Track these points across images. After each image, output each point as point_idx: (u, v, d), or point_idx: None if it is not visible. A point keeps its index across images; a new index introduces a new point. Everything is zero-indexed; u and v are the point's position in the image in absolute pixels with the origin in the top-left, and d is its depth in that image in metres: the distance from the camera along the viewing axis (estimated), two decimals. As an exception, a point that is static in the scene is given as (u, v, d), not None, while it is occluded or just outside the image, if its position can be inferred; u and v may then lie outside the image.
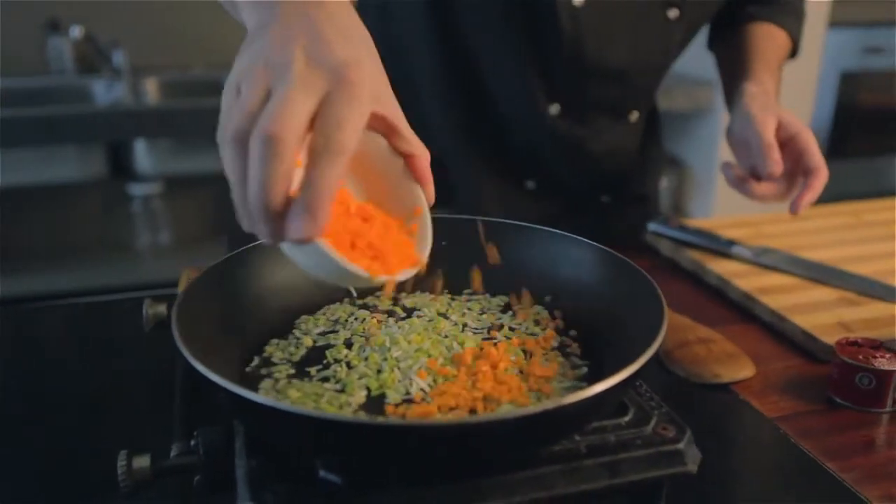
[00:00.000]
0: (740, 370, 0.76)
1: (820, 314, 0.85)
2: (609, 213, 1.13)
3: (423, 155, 0.54)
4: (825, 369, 0.77)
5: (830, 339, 0.79)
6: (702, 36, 1.14)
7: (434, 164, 1.15)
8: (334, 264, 0.47)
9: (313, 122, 0.44)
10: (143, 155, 2.16)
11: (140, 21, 2.39)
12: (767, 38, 1.06)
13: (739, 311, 0.91)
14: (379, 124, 0.52)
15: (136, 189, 2.24)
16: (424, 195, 0.54)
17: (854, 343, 0.74)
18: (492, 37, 0.98)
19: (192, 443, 0.54)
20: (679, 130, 2.44)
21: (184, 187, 2.35)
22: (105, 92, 2.31)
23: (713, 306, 0.93)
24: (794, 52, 1.11)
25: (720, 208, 2.30)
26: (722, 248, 1.00)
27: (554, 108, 1.01)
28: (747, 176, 0.93)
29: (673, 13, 0.97)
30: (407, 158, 0.54)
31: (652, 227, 1.08)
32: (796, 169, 0.91)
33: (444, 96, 1.05)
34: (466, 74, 1.02)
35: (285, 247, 0.48)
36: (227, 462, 0.53)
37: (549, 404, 0.42)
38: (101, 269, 2.21)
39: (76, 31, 2.20)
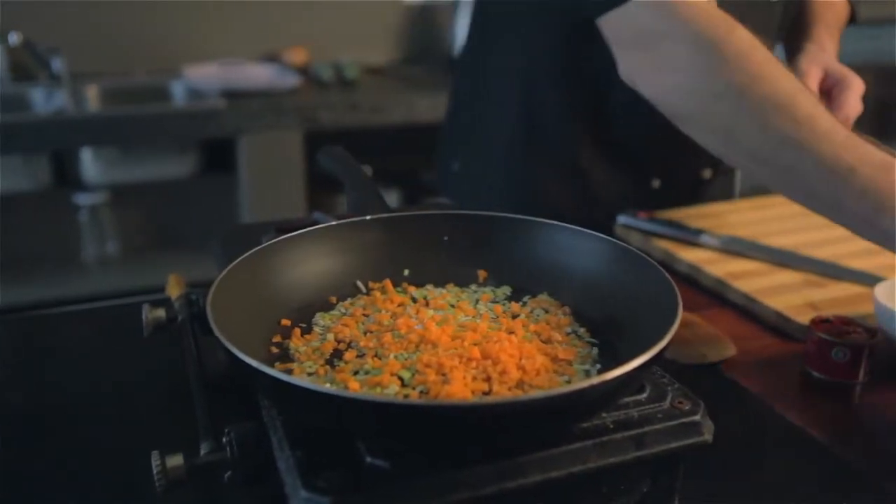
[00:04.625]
0: (724, 350, 0.81)
1: (789, 296, 0.90)
2: (708, 191, 1.23)
3: None
4: (798, 346, 0.82)
5: (802, 318, 0.84)
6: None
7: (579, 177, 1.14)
8: None
9: None
10: (88, 164, 2.12)
11: (78, 26, 2.33)
12: (826, 4, 1.12)
13: (711, 297, 0.96)
14: None
15: (82, 199, 2.19)
16: None
17: (827, 321, 0.79)
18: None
19: (224, 440, 0.55)
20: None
21: (131, 196, 2.31)
22: (44, 100, 2.26)
23: (686, 292, 0.96)
24: (853, 18, 1.16)
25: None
26: (690, 237, 1.05)
27: None
28: None
29: None
30: None
31: (621, 219, 1.12)
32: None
33: (572, 117, 1.12)
34: (596, 97, 1.09)
35: None
36: (260, 457, 0.54)
37: (594, 380, 0.45)
38: (48, 281, 2.15)
39: (14, 38, 2.14)
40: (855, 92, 0.95)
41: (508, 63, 1.14)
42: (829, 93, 0.96)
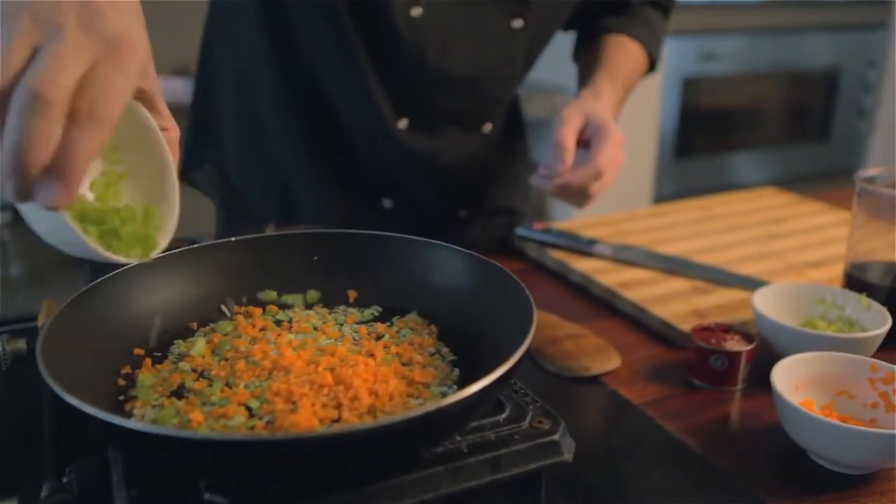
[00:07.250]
0: (608, 362, 0.81)
1: (676, 304, 0.91)
2: (469, 229, 1.14)
3: (176, 129, 0.58)
4: (683, 355, 0.83)
5: (686, 326, 0.85)
6: (561, 45, 1.18)
7: (279, 188, 1.14)
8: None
9: (78, 88, 0.45)
10: (-14, 183, 2.03)
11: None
12: (618, 48, 1.09)
13: (603, 306, 0.96)
14: (141, 97, 0.53)
15: (-19, 220, 2.10)
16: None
17: (707, 328, 0.80)
18: (333, 54, 0.97)
19: (65, 479, 0.52)
20: (537, 137, 2.52)
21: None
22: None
23: (579, 303, 0.98)
24: (652, 65, 1.14)
25: (581, 210, 2.39)
26: (584, 247, 1.05)
27: (402, 123, 1.00)
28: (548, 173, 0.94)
29: (517, 23, 0.98)
30: (163, 132, 0.57)
31: (518, 231, 1.12)
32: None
33: (288, 117, 1.03)
34: (310, 95, 1.01)
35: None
36: (104, 496, 0.51)
37: (429, 406, 0.43)
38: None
39: None
40: (612, 143, 0.92)
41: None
42: (588, 142, 0.94)
